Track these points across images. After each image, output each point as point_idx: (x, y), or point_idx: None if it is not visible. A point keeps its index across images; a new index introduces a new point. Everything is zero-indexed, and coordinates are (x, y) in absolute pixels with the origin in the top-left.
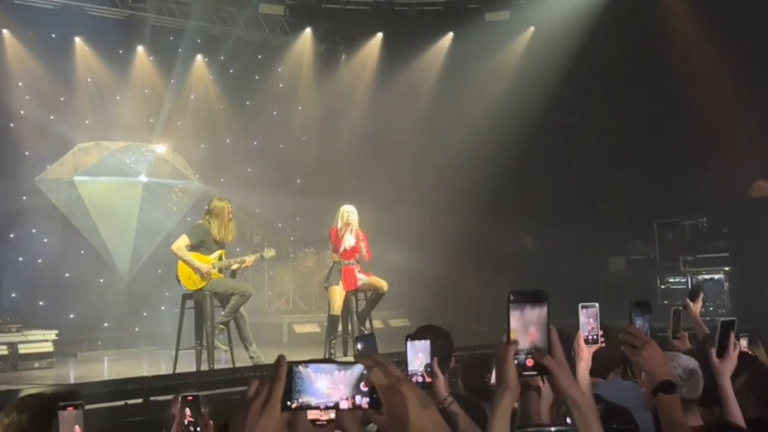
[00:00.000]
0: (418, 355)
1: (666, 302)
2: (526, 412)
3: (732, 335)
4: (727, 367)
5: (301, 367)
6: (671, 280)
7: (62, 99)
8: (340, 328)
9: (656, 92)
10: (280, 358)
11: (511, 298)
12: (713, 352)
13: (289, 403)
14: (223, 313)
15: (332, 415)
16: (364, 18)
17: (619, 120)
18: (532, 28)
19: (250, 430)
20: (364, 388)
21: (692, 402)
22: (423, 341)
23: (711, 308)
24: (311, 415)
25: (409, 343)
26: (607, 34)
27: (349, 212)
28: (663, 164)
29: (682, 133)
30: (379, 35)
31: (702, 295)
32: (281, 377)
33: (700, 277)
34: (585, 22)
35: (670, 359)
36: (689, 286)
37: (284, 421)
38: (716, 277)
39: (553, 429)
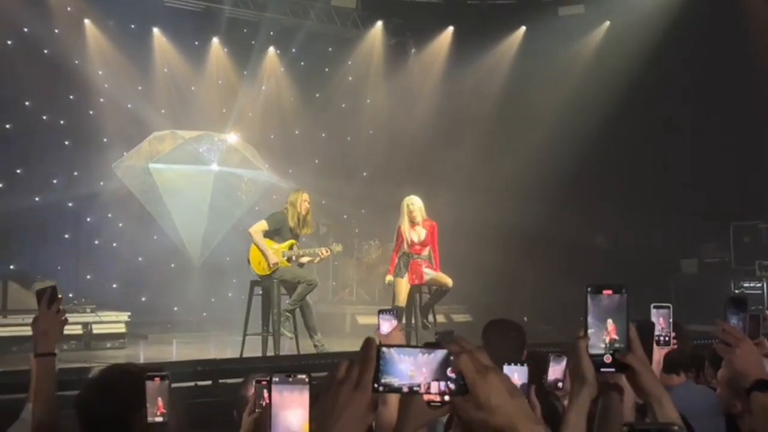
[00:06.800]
0: (514, 375)
1: None
2: (607, 413)
3: None
4: None
5: (385, 349)
6: (746, 285)
7: (140, 88)
8: (403, 320)
9: (737, 88)
10: (371, 340)
11: (589, 290)
12: None
13: (376, 384)
14: (289, 301)
15: (447, 397)
16: (436, 12)
17: (696, 118)
18: (608, 23)
19: (341, 411)
20: (450, 373)
21: None
22: (522, 366)
23: None
24: (427, 397)
25: (506, 367)
26: (685, 28)
27: (407, 203)
28: (740, 164)
29: (762, 132)
30: (450, 29)
31: None
32: (373, 359)
33: None
34: (662, 15)
35: None
36: (764, 291)
37: (372, 402)
38: None
39: (662, 426)
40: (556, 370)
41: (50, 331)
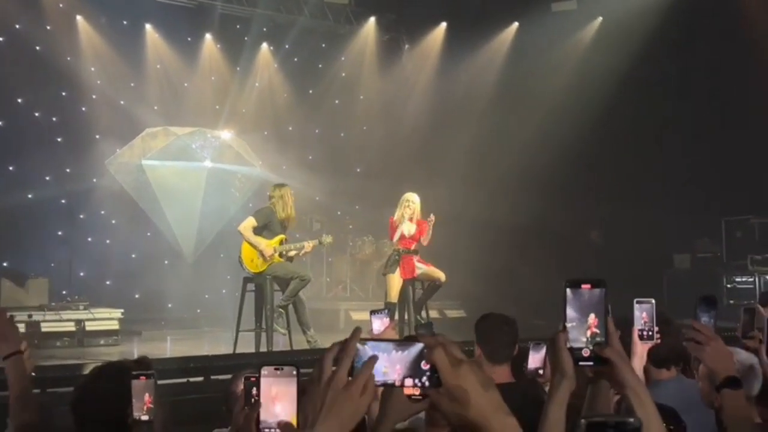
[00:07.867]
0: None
1: (732, 302)
2: (595, 401)
3: None
4: None
5: (359, 345)
6: (738, 279)
7: (132, 84)
8: (396, 316)
9: (729, 84)
10: (358, 331)
11: (568, 284)
12: None
13: (349, 378)
14: (282, 297)
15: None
16: (429, 8)
17: (688, 114)
18: (600, 19)
19: (327, 411)
20: (424, 366)
21: (749, 399)
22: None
23: None
24: (407, 390)
25: None
26: (678, 24)
27: (408, 200)
28: (733, 160)
29: (754, 127)
30: (443, 25)
31: None
32: (350, 354)
33: None
34: (654, 11)
35: None
36: (756, 286)
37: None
38: None
39: (619, 419)
40: (535, 359)
41: (4, 332)
